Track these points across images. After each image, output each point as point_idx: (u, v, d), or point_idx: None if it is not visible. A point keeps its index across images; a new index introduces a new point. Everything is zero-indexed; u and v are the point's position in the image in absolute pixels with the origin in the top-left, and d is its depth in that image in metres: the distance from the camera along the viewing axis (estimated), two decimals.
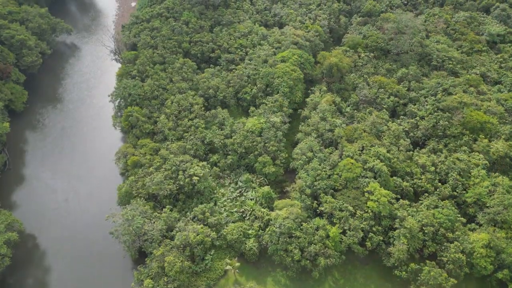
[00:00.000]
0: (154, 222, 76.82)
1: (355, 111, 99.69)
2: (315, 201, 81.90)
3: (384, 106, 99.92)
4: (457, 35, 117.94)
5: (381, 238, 75.52)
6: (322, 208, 78.54)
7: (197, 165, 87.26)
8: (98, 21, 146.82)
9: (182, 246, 74.94)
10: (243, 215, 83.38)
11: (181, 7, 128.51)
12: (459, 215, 78.97)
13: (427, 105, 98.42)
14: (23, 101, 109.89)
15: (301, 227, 75.49)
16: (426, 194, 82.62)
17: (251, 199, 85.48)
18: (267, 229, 76.29)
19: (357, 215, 76.88)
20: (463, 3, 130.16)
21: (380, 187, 79.70)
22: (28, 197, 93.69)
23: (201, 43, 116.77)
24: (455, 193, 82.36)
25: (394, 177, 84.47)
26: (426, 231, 74.70)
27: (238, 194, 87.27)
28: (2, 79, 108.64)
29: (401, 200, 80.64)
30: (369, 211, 76.51)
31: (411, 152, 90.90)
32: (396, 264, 73.17)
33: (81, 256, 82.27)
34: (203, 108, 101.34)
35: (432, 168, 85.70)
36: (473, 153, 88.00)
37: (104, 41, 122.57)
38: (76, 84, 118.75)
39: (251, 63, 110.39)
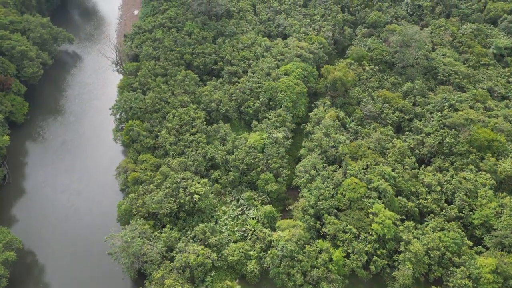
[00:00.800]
0: (154, 243, 75.40)
1: (359, 126, 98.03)
2: (318, 222, 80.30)
3: (389, 122, 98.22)
4: (464, 48, 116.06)
5: (386, 261, 73.82)
6: (326, 230, 76.91)
7: (198, 183, 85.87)
8: (100, 29, 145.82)
9: (182, 268, 73.53)
10: (245, 235, 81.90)
11: (184, 17, 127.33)
12: (465, 238, 77.15)
13: (433, 121, 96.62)
14: (23, 112, 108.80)
15: (304, 250, 73.90)
16: (432, 215, 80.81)
17: (252, 218, 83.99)
18: (269, 252, 74.73)
19: (361, 238, 75.22)
20: (470, 14, 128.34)
21: (385, 208, 78.05)
22: (28, 212, 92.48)
23: (203, 54, 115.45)
24: (462, 214, 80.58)
25: (399, 197, 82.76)
26: (432, 255, 72.95)
27: (240, 212, 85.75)
28: (2, 91, 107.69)
29: (406, 221, 78.94)
30: (374, 233, 74.85)
31: (416, 170, 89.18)
32: None
33: (80, 275, 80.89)
34: (205, 122, 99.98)
35: (438, 188, 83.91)
36: (480, 172, 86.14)
37: (106, 52, 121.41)
38: (77, 95, 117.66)
39: (254, 76, 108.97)
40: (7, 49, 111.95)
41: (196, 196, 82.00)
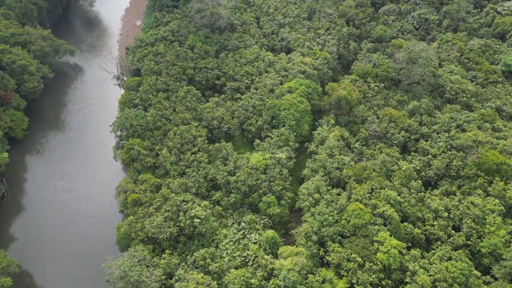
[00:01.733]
0: (152, 270, 73.53)
1: (364, 147, 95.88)
2: (322, 248, 78.19)
3: (395, 142, 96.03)
4: (471, 65, 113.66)
5: None
6: (329, 258, 74.77)
7: (199, 205, 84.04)
8: (102, 40, 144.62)
9: None
10: (246, 260, 79.85)
11: (187, 30, 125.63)
12: (473, 267, 74.73)
13: (439, 142, 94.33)
14: (23, 127, 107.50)
15: (307, 280, 71.77)
16: (439, 243, 78.50)
17: (254, 243, 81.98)
18: (270, 282, 72.65)
19: (365, 267, 73.00)
20: (478, 29, 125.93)
21: (391, 235, 75.82)
22: (26, 231, 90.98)
23: (206, 69, 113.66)
24: (469, 242, 78.22)
25: (405, 223, 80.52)
26: (439, 287, 70.60)
27: (241, 236, 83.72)
28: (2, 106, 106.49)
29: (412, 249, 76.69)
30: (379, 263, 72.61)
31: (422, 193, 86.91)
32: None
33: None
34: (206, 141, 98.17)
35: (445, 214, 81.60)
36: (489, 197, 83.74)
37: (107, 66, 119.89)
38: (78, 110, 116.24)
39: (257, 93, 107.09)
40: (7, 63, 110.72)
41: (196, 220, 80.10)
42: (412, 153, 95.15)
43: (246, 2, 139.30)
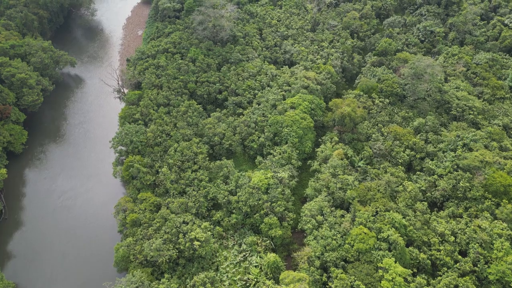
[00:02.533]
0: None
1: (368, 165, 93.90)
2: (325, 274, 76.21)
3: (400, 161, 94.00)
4: (478, 80, 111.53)
5: None
6: (333, 286, 72.74)
7: (199, 227, 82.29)
8: (103, 50, 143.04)
9: None
10: (247, 284, 78.04)
11: (188, 42, 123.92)
12: None
13: (446, 161, 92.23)
14: (22, 142, 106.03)
15: None
16: (445, 269, 76.37)
17: (255, 266, 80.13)
18: None
19: None
20: (484, 42, 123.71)
21: (395, 261, 73.77)
22: (24, 252, 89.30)
23: (207, 83, 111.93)
24: (477, 268, 76.08)
25: (411, 247, 78.45)
26: None
27: (242, 259, 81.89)
28: (1, 120, 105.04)
29: (418, 276, 74.58)
30: None
31: (428, 215, 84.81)
32: None
33: None
34: (207, 158, 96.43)
35: (452, 238, 79.47)
36: (496, 221, 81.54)
37: (108, 79, 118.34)
38: (78, 124, 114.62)
39: (259, 108, 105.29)
40: (6, 76, 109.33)
41: (196, 243, 78.29)
42: (418, 172, 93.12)
43: (248, 13, 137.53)
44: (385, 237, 77.21)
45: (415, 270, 76.53)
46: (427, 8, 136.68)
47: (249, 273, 79.18)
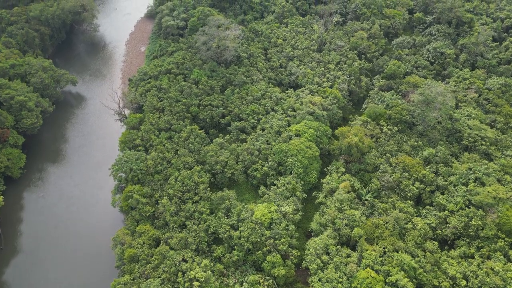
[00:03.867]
0: None
1: (376, 199, 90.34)
2: None
3: (409, 194, 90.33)
4: (490, 107, 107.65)
5: None
6: None
7: (199, 265, 79.12)
8: (106, 68, 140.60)
9: None
10: None
11: (192, 63, 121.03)
12: None
13: (457, 196, 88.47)
14: (20, 166, 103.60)
15: None
16: None
17: None
18: None
19: None
20: (497, 65, 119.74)
21: None
22: (20, 281, 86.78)
23: (210, 107, 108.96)
24: None
25: None
26: None
27: None
28: None
29: None
30: None
31: (438, 254, 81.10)
32: None
33: None
34: (209, 188, 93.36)
35: (464, 282, 75.63)
36: (510, 263, 77.74)
37: (108, 102, 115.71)
38: (78, 148, 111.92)
39: (263, 134, 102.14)
40: (5, 99, 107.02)
41: (196, 283, 75.21)
42: (427, 207, 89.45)
43: (254, 32, 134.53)
44: (394, 281, 73.64)
45: None
46: (437, 28, 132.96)
47: None
